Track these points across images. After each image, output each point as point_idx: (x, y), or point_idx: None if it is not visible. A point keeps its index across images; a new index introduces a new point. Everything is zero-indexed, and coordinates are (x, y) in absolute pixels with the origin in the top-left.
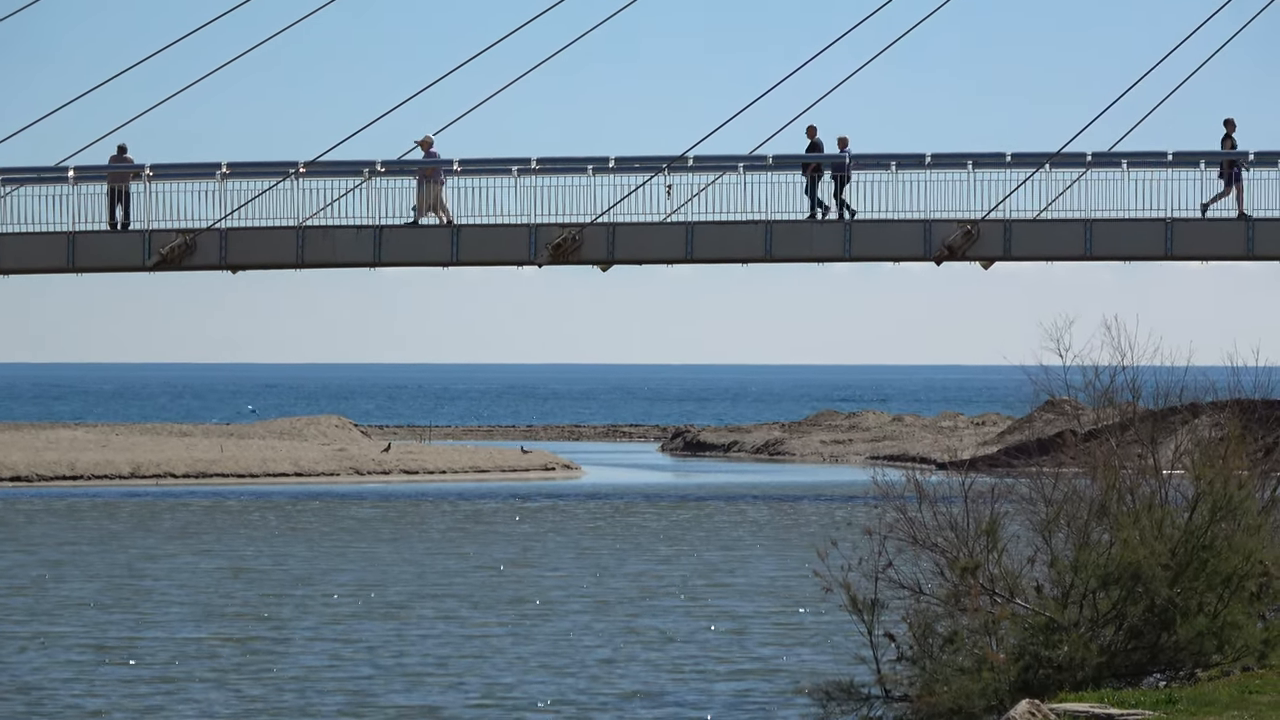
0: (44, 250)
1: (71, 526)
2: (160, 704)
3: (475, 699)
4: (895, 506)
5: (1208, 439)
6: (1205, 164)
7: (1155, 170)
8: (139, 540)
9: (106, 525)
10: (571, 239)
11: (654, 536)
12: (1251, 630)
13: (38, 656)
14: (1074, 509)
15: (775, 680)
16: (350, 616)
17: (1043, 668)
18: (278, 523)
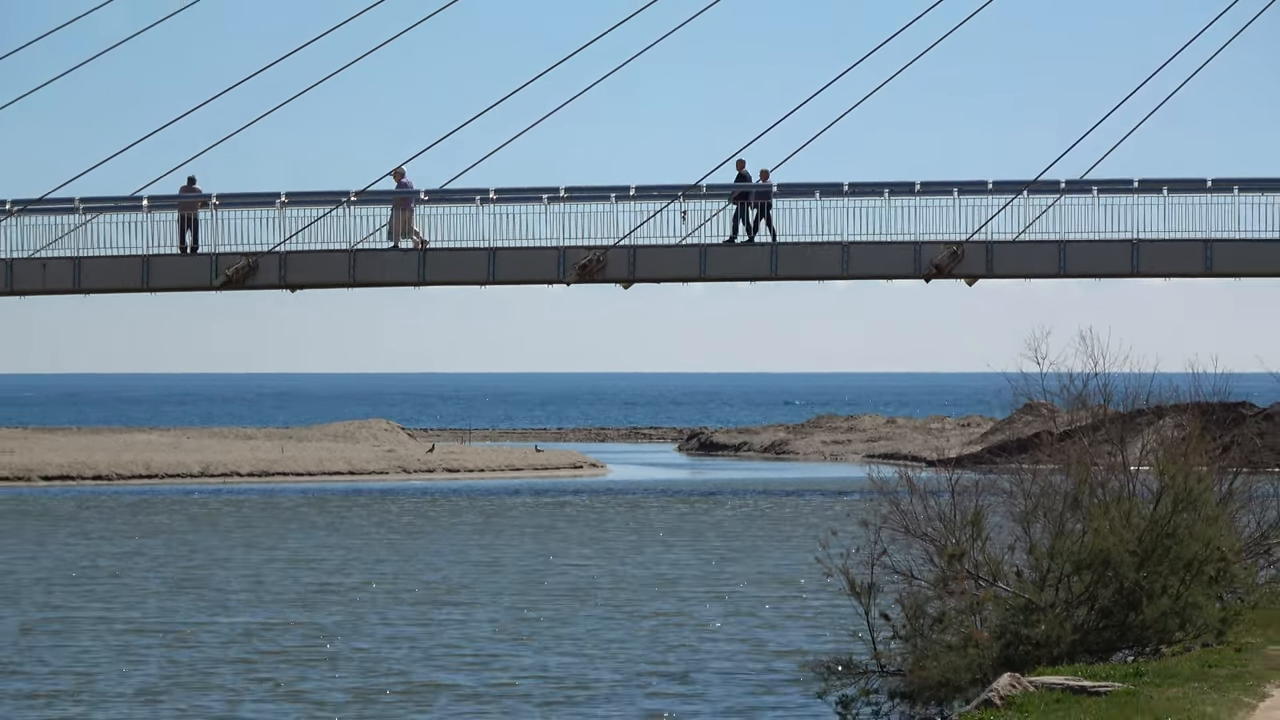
0: (121, 272)
1: (147, 520)
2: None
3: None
4: (889, 500)
5: (1171, 438)
6: (1168, 190)
7: (1122, 196)
8: (208, 533)
9: (179, 519)
10: (596, 260)
11: (671, 527)
12: (1210, 610)
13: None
14: (1050, 501)
15: (781, 657)
16: (401, 603)
17: (1022, 645)
18: (332, 517)
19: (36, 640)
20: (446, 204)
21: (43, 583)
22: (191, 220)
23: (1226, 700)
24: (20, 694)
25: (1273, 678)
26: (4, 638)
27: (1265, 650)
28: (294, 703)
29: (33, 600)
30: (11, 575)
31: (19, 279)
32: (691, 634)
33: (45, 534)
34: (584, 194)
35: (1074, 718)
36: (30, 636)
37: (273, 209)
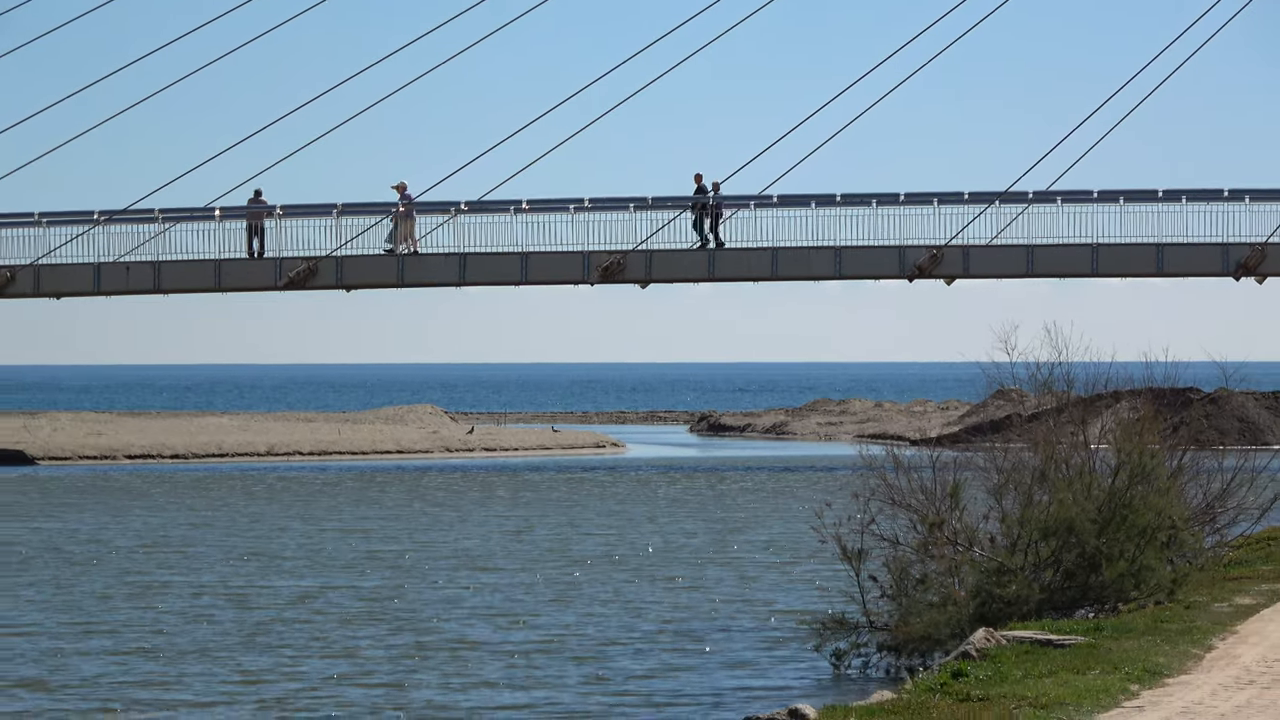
0: (196, 274)
1: (218, 495)
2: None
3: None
4: (877, 475)
5: (1127, 420)
6: (1124, 200)
7: (1083, 205)
8: (273, 505)
9: (247, 493)
10: (617, 263)
11: (682, 500)
12: (1162, 572)
13: (180, 599)
14: (1020, 476)
15: (781, 615)
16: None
17: (995, 603)
18: (382, 491)
19: (116, 603)
20: (485, 213)
21: (123, 550)
22: (258, 228)
23: (1176, 652)
24: (103, 650)
25: (1218, 632)
26: (87, 600)
27: (1211, 608)
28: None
29: (114, 565)
30: (95, 544)
31: (105, 281)
32: (701, 595)
33: (128, 507)
34: (606, 204)
35: (1041, 668)
36: (110, 600)
37: (330, 218)
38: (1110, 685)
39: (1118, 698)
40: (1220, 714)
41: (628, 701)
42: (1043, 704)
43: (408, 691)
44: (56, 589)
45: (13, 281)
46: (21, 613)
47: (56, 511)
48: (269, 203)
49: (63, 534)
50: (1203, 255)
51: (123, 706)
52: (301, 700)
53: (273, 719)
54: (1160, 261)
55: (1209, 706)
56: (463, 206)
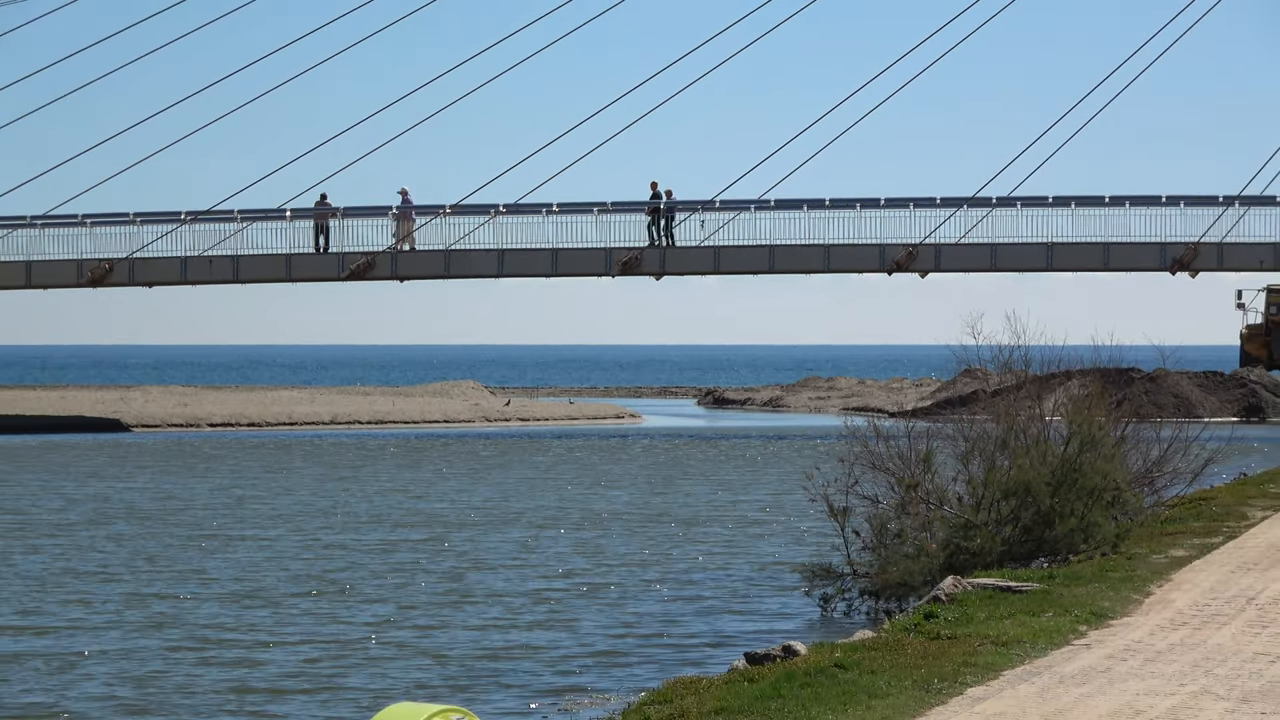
0: (269, 267)
1: (288, 458)
2: (350, 583)
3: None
4: (860, 442)
5: (1077, 395)
6: (1075, 204)
7: (1039, 209)
8: (338, 468)
9: (314, 456)
10: (635, 258)
11: (690, 463)
12: (1107, 528)
13: (257, 549)
14: (984, 444)
15: (775, 564)
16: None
17: (962, 554)
18: (430, 455)
19: (199, 554)
20: (520, 215)
21: (207, 506)
22: (323, 227)
23: (1119, 597)
24: (195, 595)
25: (1155, 580)
26: (173, 550)
27: (1149, 559)
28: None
29: (195, 520)
30: (175, 500)
31: (191, 272)
32: (706, 547)
33: (210, 468)
34: (625, 207)
35: (1002, 611)
36: (193, 550)
37: (386, 219)
38: (1062, 626)
39: (1068, 637)
40: (1157, 651)
41: (642, 640)
42: (1003, 642)
43: (449, 631)
44: (149, 538)
45: (110, 272)
46: (117, 556)
47: (146, 472)
48: (333, 205)
49: (150, 492)
50: (1143, 253)
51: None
52: (354, 635)
53: (330, 656)
54: (1106, 258)
55: (1147, 644)
56: (501, 209)
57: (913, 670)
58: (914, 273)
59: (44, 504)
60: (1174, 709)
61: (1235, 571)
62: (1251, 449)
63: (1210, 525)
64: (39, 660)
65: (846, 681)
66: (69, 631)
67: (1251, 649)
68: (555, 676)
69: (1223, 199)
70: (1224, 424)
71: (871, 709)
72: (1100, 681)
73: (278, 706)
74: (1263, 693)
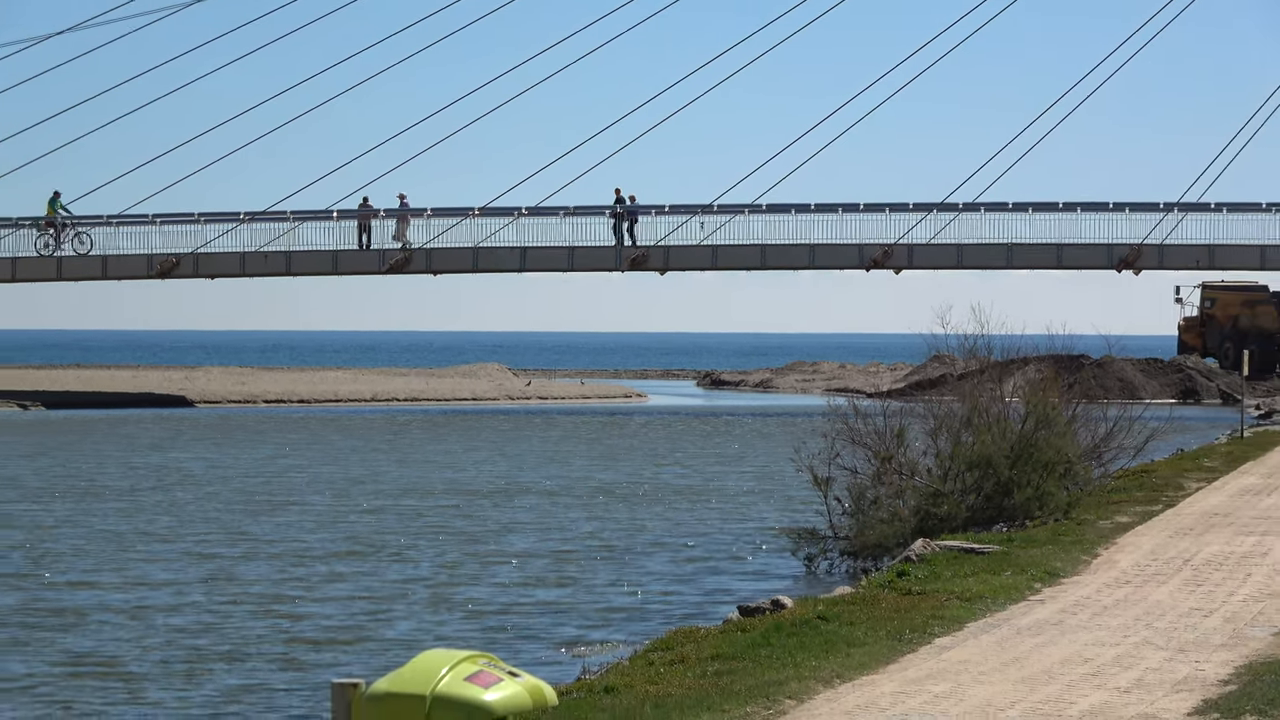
0: (318, 261)
1: (334, 432)
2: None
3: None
4: (841, 420)
5: (1033, 379)
6: (1033, 209)
7: (1000, 213)
8: (377, 440)
9: (356, 430)
10: (643, 255)
11: (690, 437)
12: (1059, 497)
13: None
14: (950, 421)
15: (765, 527)
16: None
17: (931, 519)
18: (458, 429)
19: (250, 518)
20: (540, 216)
21: (259, 474)
22: (366, 227)
23: (1070, 558)
24: (247, 554)
25: (1102, 543)
26: (231, 512)
27: (1097, 524)
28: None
29: (249, 486)
30: (231, 469)
31: (249, 265)
32: (702, 512)
33: (263, 439)
34: (633, 209)
35: (966, 570)
36: (251, 515)
37: (422, 219)
38: (1019, 583)
39: (1024, 593)
40: (1103, 606)
41: (647, 596)
42: (967, 597)
43: (475, 587)
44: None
45: (177, 266)
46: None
47: (203, 443)
48: (374, 207)
49: (209, 461)
50: (1092, 253)
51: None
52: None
53: (368, 610)
54: (1060, 257)
55: (1094, 600)
56: (523, 211)
57: (887, 622)
58: (889, 269)
59: (114, 470)
60: (1118, 658)
61: (1173, 536)
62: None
63: (1151, 495)
64: (108, 613)
65: (828, 632)
66: (134, 586)
67: (1187, 605)
68: (570, 628)
69: (1163, 205)
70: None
71: (850, 656)
72: (1053, 633)
73: (321, 655)
74: (1197, 643)
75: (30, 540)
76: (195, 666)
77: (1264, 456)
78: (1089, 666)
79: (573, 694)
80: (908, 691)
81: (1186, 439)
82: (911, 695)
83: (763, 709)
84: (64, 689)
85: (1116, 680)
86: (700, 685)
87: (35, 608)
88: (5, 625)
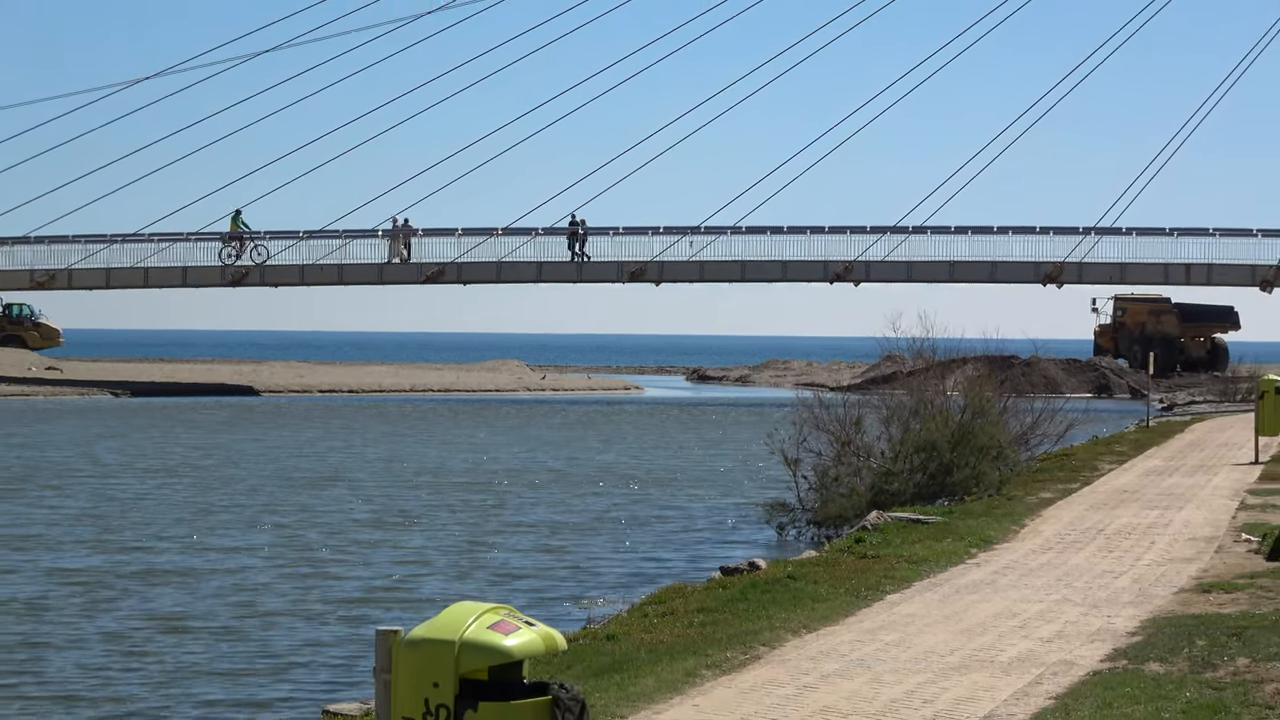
0: (366, 272)
1: (375, 418)
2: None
3: (576, 518)
4: (808, 409)
5: (971, 376)
6: (971, 232)
7: (944, 235)
8: (414, 425)
9: (397, 417)
10: (640, 269)
11: (679, 424)
12: (993, 476)
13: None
14: (900, 412)
15: (743, 501)
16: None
17: (884, 495)
18: (484, 416)
19: (303, 492)
20: (554, 235)
21: (309, 452)
22: (406, 243)
23: (1002, 527)
24: (299, 523)
25: (1028, 515)
26: (276, 487)
27: (1024, 499)
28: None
29: (303, 465)
30: (283, 449)
31: (307, 276)
32: (689, 488)
33: (317, 422)
34: (634, 230)
35: (913, 537)
36: (304, 489)
37: (453, 237)
38: (958, 549)
39: (963, 557)
40: (1029, 569)
41: (642, 558)
42: (914, 560)
43: (494, 553)
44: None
45: (246, 276)
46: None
47: (260, 426)
48: (414, 226)
49: (266, 442)
50: (1022, 270)
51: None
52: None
53: (403, 573)
54: (994, 273)
55: (1022, 562)
56: (539, 231)
57: (846, 581)
58: (850, 282)
59: (182, 450)
60: (1042, 612)
61: (1089, 510)
62: (1101, 418)
63: (1070, 475)
64: (173, 574)
65: (796, 589)
66: (198, 552)
67: (1100, 568)
68: (576, 586)
69: (1082, 229)
70: (1081, 399)
71: (814, 609)
72: (987, 591)
73: (363, 611)
74: (1108, 600)
75: (110, 510)
76: (254, 621)
77: (1166, 443)
78: (1017, 620)
79: (580, 641)
80: (863, 640)
81: (1100, 428)
82: (866, 643)
83: (740, 654)
84: (144, 641)
85: (1040, 632)
86: (688, 634)
87: (115, 570)
88: (89, 585)
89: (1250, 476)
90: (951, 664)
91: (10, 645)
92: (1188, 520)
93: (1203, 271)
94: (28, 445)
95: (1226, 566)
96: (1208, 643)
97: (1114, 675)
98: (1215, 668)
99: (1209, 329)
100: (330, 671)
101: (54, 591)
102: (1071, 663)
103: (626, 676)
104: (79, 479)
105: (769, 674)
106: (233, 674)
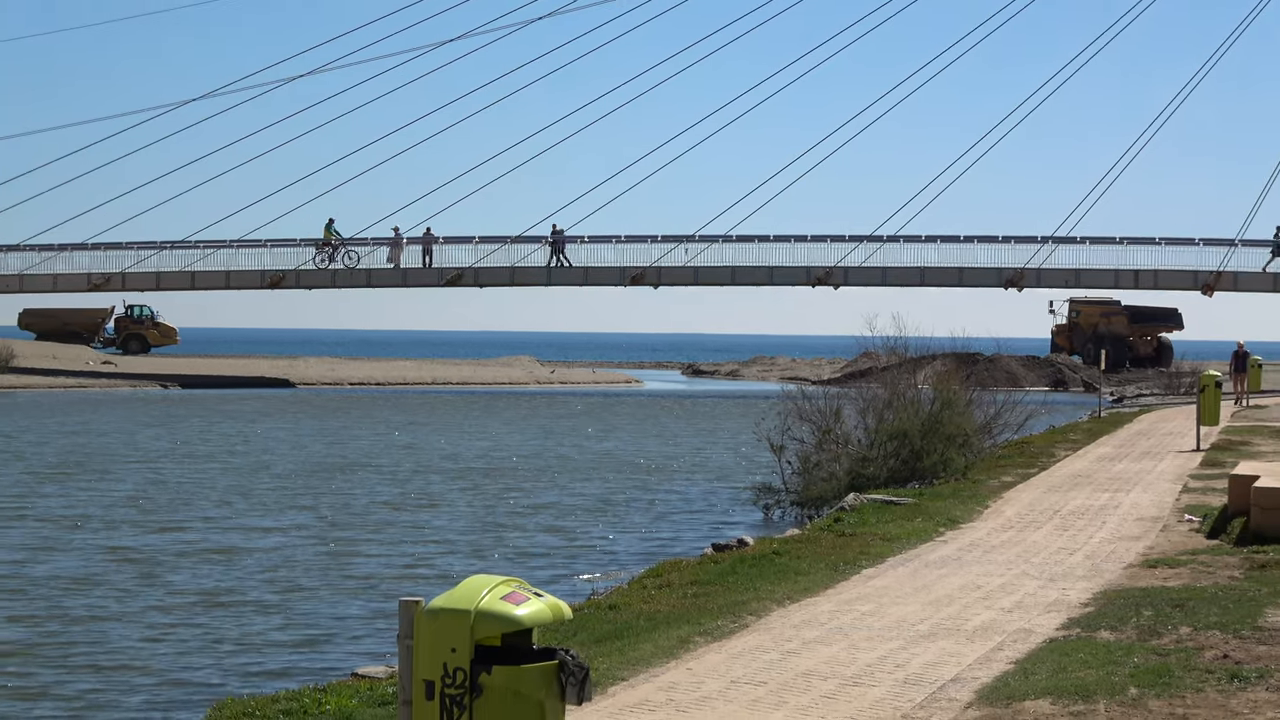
0: (391, 276)
1: (399, 410)
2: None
3: (578, 500)
4: (792, 400)
5: (940, 371)
6: (940, 240)
7: (916, 244)
8: (435, 414)
9: (417, 408)
10: (640, 273)
11: (675, 414)
12: (959, 461)
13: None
14: (876, 403)
15: (734, 485)
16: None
17: (860, 478)
18: (497, 407)
19: (333, 478)
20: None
21: (340, 438)
22: (429, 249)
23: (968, 509)
24: (330, 505)
25: (991, 498)
26: (310, 472)
27: (988, 483)
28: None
29: (330, 452)
30: (323, 437)
31: (337, 280)
32: (684, 472)
33: (344, 412)
34: (634, 238)
35: (887, 517)
36: (334, 473)
37: (471, 245)
38: (928, 528)
39: (932, 536)
40: (992, 546)
41: (641, 535)
42: (888, 538)
43: (507, 531)
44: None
45: (283, 279)
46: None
47: (293, 415)
48: (435, 234)
49: (305, 431)
50: (985, 274)
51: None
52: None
53: (426, 550)
54: (961, 278)
55: (985, 540)
56: (547, 239)
57: (826, 556)
58: (830, 286)
59: (220, 439)
60: (1004, 585)
61: (1046, 492)
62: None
63: (1029, 461)
64: (214, 552)
65: (781, 564)
66: (238, 531)
67: (1056, 545)
68: (582, 561)
69: (1040, 238)
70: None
71: (797, 582)
72: (953, 566)
73: (390, 586)
74: (1064, 574)
75: (157, 493)
76: (291, 595)
77: (1116, 432)
78: (981, 592)
79: (584, 610)
80: (841, 610)
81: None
82: (844, 613)
83: (730, 622)
84: (189, 614)
85: (1002, 602)
86: (682, 604)
87: (163, 549)
88: (139, 560)
89: (1192, 463)
90: (921, 632)
91: (78, 619)
92: (1136, 502)
93: (1150, 277)
94: (81, 432)
95: (1171, 544)
96: (1153, 613)
97: (1068, 642)
98: (1160, 635)
99: (1155, 329)
100: (359, 641)
101: (107, 568)
102: (1030, 631)
103: (627, 643)
104: (126, 464)
105: (756, 640)
106: (271, 644)
